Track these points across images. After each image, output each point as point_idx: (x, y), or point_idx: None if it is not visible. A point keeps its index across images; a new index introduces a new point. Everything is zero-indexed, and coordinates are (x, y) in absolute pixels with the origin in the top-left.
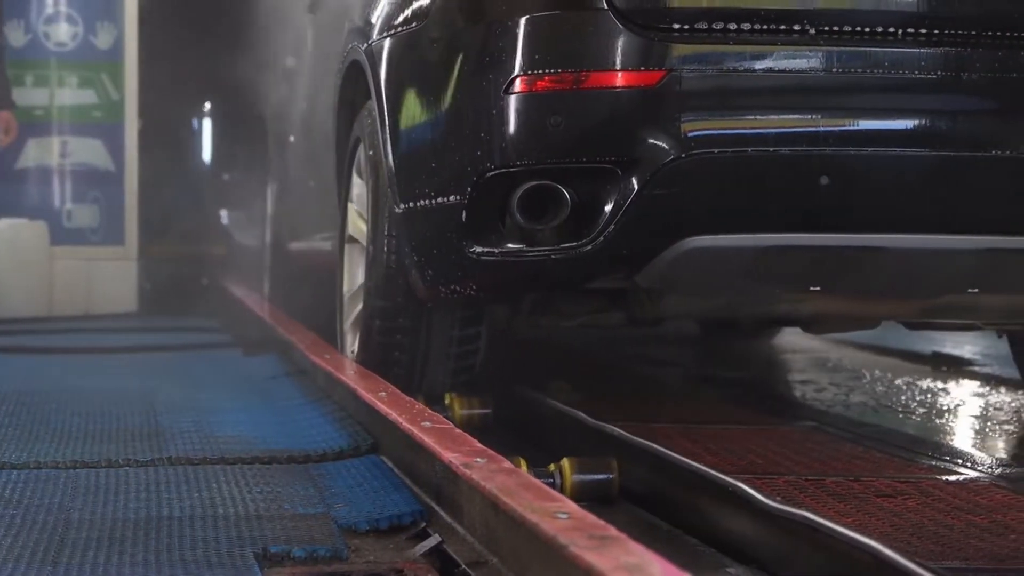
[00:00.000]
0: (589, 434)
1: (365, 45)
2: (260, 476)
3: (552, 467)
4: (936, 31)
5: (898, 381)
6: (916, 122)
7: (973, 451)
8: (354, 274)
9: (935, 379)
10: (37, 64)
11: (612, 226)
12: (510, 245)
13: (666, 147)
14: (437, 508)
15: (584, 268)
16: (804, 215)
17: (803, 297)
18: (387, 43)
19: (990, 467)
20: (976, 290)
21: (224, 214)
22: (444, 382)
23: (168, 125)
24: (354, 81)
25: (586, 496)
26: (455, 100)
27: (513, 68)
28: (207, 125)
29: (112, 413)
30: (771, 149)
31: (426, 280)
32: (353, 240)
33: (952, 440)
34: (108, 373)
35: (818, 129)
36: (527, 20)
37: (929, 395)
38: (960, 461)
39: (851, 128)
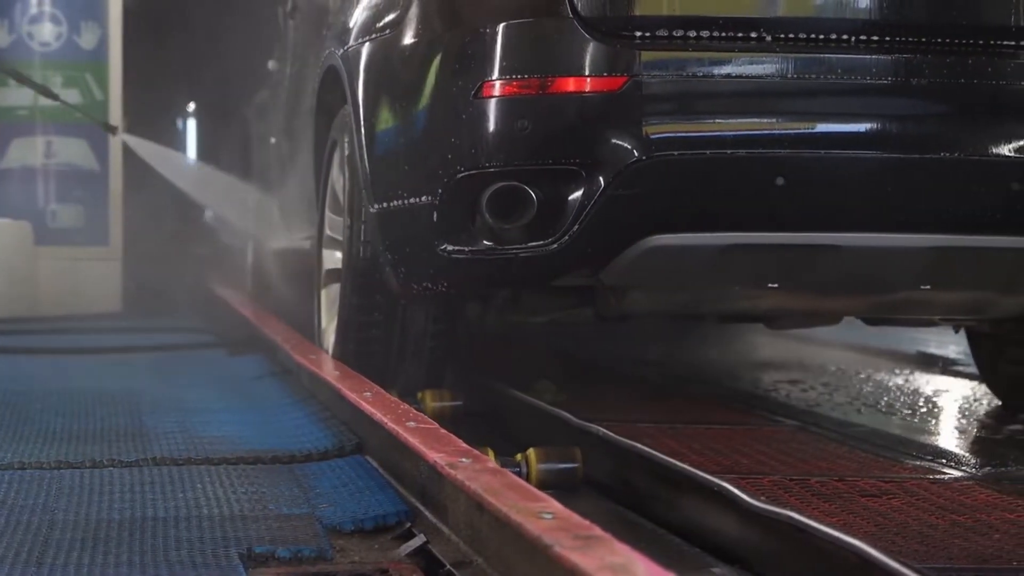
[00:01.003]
0: (572, 432)
1: (341, 51)
2: (245, 476)
3: (519, 457)
4: (887, 38)
5: (883, 381)
6: (868, 126)
7: (957, 451)
8: (332, 271)
9: (920, 379)
10: (21, 64)
11: (577, 225)
12: (480, 244)
13: (628, 149)
14: (422, 508)
15: (550, 266)
16: (761, 215)
17: (762, 294)
18: (362, 49)
19: (974, 467)
20: (928, 287)
21: (209, 214)
22: (418, 376)
23: (153, 125)
24: (331, 86)
25: (551, 484)
26: (427, 104)
27: (482, 74)
28: (192, 125)
29: (96, 413)
30: (729, 151)
31: (400, 277)
32: (330, 241)
33: (937, 440)
34: (93, 373)
35: (774, 132)
36: (496, 28)
37: (914, 395)
38: (944, 461)
39: (806, 131)
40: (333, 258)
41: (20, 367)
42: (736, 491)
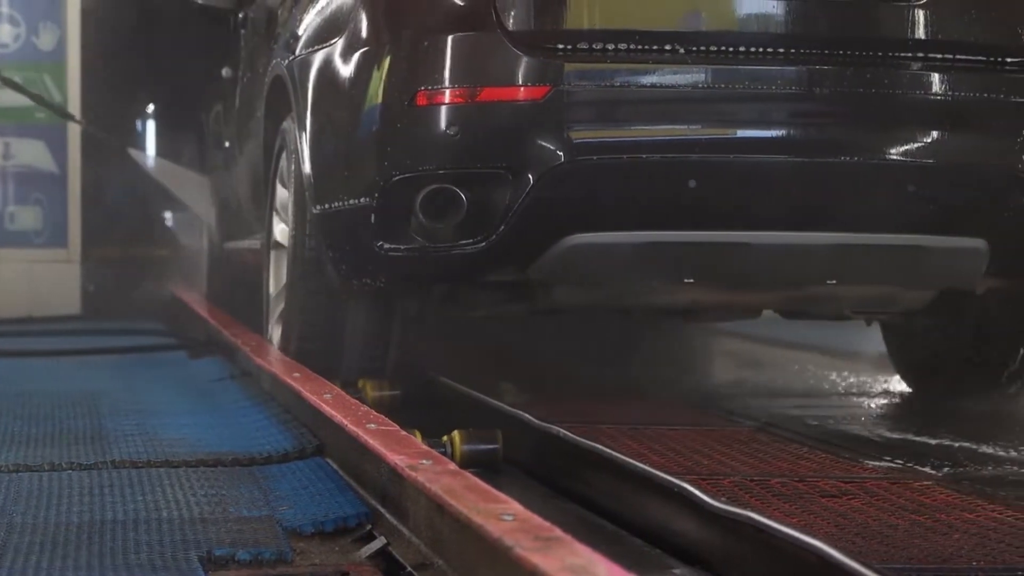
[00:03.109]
0: (532, 433)
1: (287, 61)
2: (205, 479)
3: (444, 438)
4: (792, 51)
5: (843, 381)
6: (775, 132)
7: (918, 451)
8: (279, 268)
9: (879, 379)
10: None
11: (504, 225)
12: (414, 242)
13: (551, 154)
14: (382, 510)
15: (480, 263)
16: (675, 215)
17: (679, 289)
18: (306, 60)
19: (934, 467)
20: (833, 282)
21: (168, 216)
22: (360, 367)
23: (111, 127)
24: (278, 93)
25: (474, 464)
26: (364, 112)
27: (415, 84)
28: (151, 127)
29: (55, 416)
30: (645, 156)
31: (341, 274)
32: (277, 241)
33: (896, 440)
34: (51, 376)
35: (687, 138)
36: (428, 41)
37: (874, 395)
38: (904, 461)
39: (717, 137)
40: (279, 257)
41: None
42: (696, 492)
